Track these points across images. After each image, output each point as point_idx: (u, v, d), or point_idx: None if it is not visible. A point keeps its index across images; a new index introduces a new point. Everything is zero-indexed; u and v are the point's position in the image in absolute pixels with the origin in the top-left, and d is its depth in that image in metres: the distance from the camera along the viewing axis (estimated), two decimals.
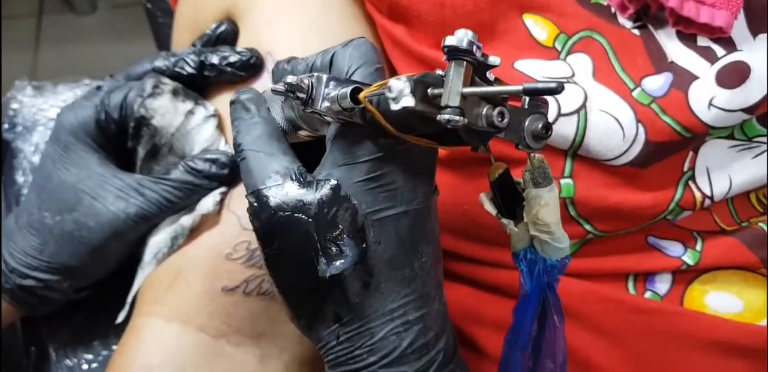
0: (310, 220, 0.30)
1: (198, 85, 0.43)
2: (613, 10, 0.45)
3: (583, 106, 0.42)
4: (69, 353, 0.51)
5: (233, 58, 0.42)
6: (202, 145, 0.42)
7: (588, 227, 0.45)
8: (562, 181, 0.44)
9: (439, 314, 0.33)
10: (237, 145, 0.33)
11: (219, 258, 0.40)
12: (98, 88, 0.42)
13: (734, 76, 0.42)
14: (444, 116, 0.26)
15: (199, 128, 0.42)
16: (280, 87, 0.30)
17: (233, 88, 0.43)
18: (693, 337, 0.44)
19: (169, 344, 0.40)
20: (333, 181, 0.30)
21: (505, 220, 0.34)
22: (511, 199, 0.34)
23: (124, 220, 0.39)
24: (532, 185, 0.33)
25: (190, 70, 0.42)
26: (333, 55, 0.33)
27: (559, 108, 0.42)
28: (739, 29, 0.43)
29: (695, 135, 0.43)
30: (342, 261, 0.30)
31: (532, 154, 0.33)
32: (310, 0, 0.45)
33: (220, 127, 0.43)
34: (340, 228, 0.30)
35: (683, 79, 0.43)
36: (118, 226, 0.39)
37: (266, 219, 0.31)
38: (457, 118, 0.26)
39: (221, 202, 0.41)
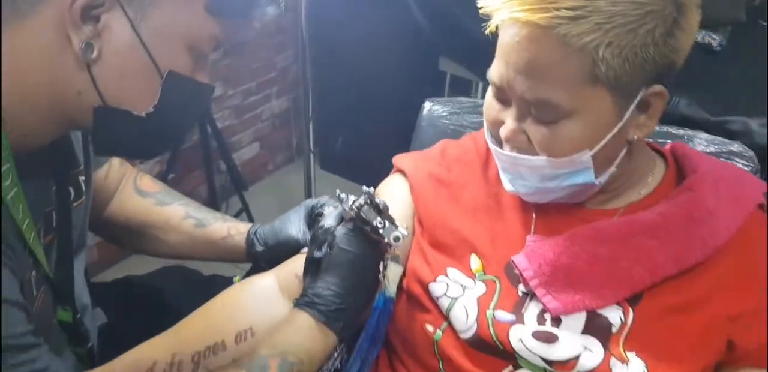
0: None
1: None
2: (520, 279, 0.74)
3: (457, 298, 0.75)
4: None
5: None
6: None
7: (440, 365, 0.75)
8: (438, 330, 0.75)
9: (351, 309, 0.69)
10: None
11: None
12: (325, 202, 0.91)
13: (544, 337, 0.70)
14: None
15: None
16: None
17: None
18: None
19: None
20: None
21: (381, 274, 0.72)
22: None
23: (295, 239, 0.88)
24: (390, 260, 0.72)
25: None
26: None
27: (447, 290, 0.75)
28: (577, 320, 0.70)
29: (505, 350, 0.71)
30: (320, 252, 0.70)
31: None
32: (400, 198, 0.85)
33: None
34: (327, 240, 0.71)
35: (517, 322, 0.72)
36: (288, 239, 0.89)
37: None
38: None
39: None
